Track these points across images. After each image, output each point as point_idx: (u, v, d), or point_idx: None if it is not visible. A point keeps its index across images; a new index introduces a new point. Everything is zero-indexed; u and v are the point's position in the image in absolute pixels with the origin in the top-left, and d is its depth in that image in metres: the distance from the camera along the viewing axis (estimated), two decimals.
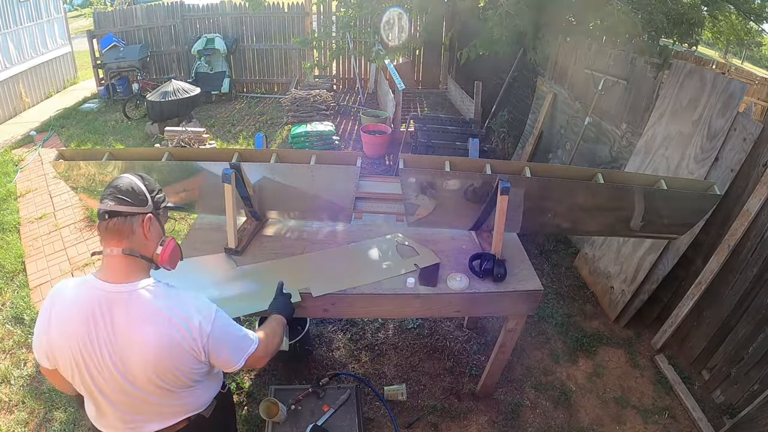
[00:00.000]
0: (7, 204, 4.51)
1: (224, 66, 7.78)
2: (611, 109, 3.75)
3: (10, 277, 3.51)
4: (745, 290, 2.52)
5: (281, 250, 2.24)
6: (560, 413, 2.57)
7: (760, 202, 2.43)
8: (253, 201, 2.21)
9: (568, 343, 3.00)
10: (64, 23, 8.70)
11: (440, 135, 4.76)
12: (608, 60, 3.79)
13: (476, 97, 5.79)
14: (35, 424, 2.43)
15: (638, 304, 3.07)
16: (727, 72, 7.34)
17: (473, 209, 2.16)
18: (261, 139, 2.77)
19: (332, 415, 2.10)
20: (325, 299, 2.00)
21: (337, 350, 2.89)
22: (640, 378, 2.79)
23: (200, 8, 8.07)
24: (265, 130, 6.56)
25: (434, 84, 8.47)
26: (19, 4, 7.31)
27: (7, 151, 5.76)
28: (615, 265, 3.25)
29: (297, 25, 8.00)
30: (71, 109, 7.37)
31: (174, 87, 6.08)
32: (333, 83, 8.05)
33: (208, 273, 2.10)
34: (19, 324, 3.06)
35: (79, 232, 4.06)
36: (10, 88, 7.09)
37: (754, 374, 2.44)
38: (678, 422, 2.53)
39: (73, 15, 13.80)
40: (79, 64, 9.49)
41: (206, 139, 5.55)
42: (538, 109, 4.86)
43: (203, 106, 7.35)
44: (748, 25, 5.08)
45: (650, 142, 3.17)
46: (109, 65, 7.49)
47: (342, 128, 6.67)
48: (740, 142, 2.58)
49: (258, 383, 2.64)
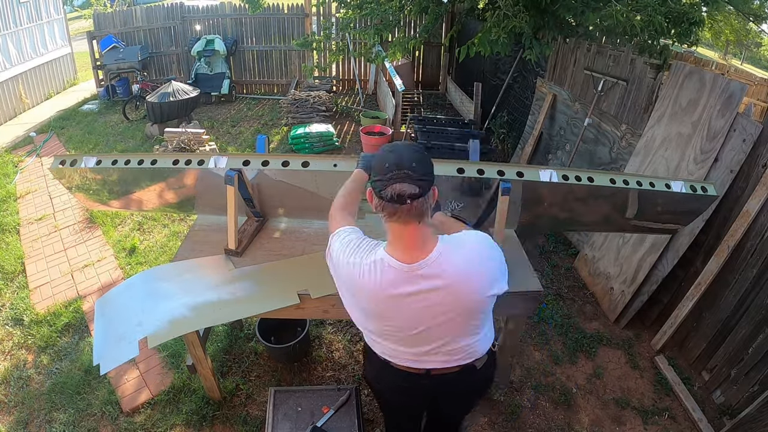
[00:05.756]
0: (6, 205, 4.51)
1: (224, 67, 7.79)
2: (611, 110, 3.76)
3: (9, 278, 3.51)
4: (745, 291, 2.52)
5: (281, 251, 2.24)
6: (560, 414, 2.56)
7: (759, 202, 2.43)
8: (255, 201, 2.22)
9: (567, 344, 3.00)
10: (64, 24, 8.71)
11: (440, 136, 4.77)
12: (608, 61, 3.79)
13: (476, 98, 5.81)
14: (35, 424, 2.43)
15: (638, 305, 3.07)
16: (726, 73, 7.33)
17: (472, 203, 2.15)
18: (263, 140, 2.76)
19: (332, 417, 2.10)
20: (325, 300, 1.99)
21: (336, 351, 2.89)
22: (640, 379, 2.79)
23: (200, 9, 8.08)
24: (265, 131, 6.57)
25: (434, 85, 8.48)
26: (19, 5, 7.32)
27: (7, 152, 5.77)
28: (615, 266, 3.25)
29: (297, 26, 8.01)
30: (71, 111, 7.38)
31: (174, 88, 6.08)
32: (333, 84, 8.06)
33: (207, 274, 2.10)
34: (18, 325, 3.06)
35: (78, 234, 4.06)
36: (9, 89, 7.10)
37: (754, 375, 2.44)
38: (678, 423, 2.53)
39: (73, 16, 13.80)
40: (79, 65, 9.50)
41: (206, 141, 5.55)
42: (538, 110, 4.86)
43: (203, 107, 7.36)
44: (747, 25, 5.08)
45: (650, 143, 3.17)
46: (109, 66, 7.50)
47: (342, 129, 6.67)
48: (740, 142, 2.59)
49: (257, 384, 2.64)
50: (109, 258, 3.71)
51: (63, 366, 2.75)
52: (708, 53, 14.47)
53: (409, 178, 1.17)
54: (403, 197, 1.17)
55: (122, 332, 1.94)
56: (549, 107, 4.61)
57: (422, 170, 1.19)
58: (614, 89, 3.69)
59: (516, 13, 3.49)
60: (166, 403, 2.52)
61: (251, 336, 2.92)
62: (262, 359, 2.80)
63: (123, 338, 1.91)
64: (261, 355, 2.83)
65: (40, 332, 2.98)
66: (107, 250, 3.81)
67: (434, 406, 1.73)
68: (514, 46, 4.54)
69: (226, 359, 2.78)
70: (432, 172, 1.22)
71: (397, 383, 1.50)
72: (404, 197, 1.17)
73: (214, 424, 2.42)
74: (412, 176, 1.17)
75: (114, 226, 4.15)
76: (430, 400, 1.62)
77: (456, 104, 7.26)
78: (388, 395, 1.65)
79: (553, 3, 3.65)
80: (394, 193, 1.17)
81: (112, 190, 2.27)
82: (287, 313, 2.00)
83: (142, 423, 2.42)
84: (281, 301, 1.96)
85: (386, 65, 6.14)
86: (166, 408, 2.49)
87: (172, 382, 2.64)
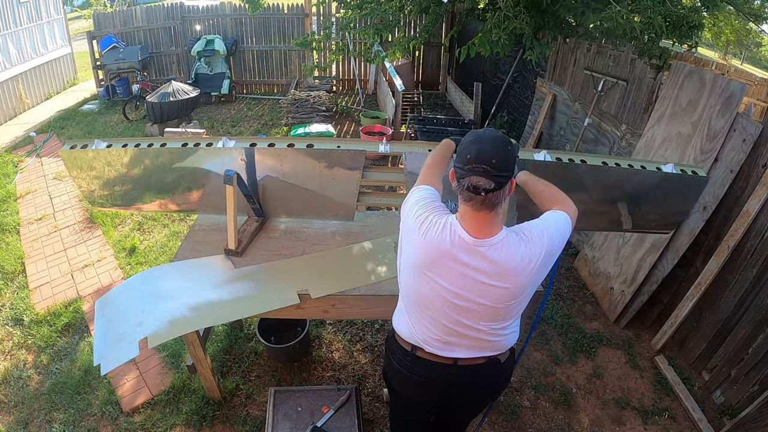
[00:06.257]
0: (6, 205, 4.51)
1: (224, 67, 7.78)
2: (611, 110, 3.76)
3: (9, 278, 3.51)
4: (745, 291, 2.52)
5: (281, 251, 2.24)
6: (560, 414, 2.56)
7: (759, 202, 2.43)
8: (256, 199, 2.22)
9: (568, 344, 3.00)
10: (64, 24, 8.70)
11: (440, 136, 4.77)
12: (608, 61, 3.79)
13: (476, 98, 5.81)
14: (35, 424, 2.43)
15: (638, 305, 3.07)
16: (726, 73, 7.33)
17: None
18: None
19: (332, 417, 2.10)
20: (325, 301, 2.00)
21: (336, 351, 2.89)
22: (640, 379, 2.79)
23: (200, 9, 8.08)
24: (266, 131, 6.56)
25: (434, 85, 8.48)
26: (19, 5, 7.32)
27: (7, 152, 5.76)
28: (615, 266, 3.25)
29: (297, 26, 8.01)
30: (71, 111, 7.37)
31: (174, 88, 6.08)
32: (332, 84, 8.06)
33: (207, 274, 2.10)
34: (18, 325, 3.06)
35: (78, 234, 4.06)
36: (9, 89, 7.10)
37: (754, 375, 2.44)
38: (678, 423, 2.53)
39: (73, 16, 13.80)
40: (79, 65, 9.50)
41: None
42: (538, 110, 4.86)
43: (203, 107, 7.36)
44: (747, 25, 5.08)
45: (650, 143, 3.17)
46: (109, 66, 7.49)
47: (342, 129, 6.67)
48: (740, 142, 2.59)
49: (257, 384, 2.64)
50: (109, 258, 3.71)
51: (63, 366, 2.75)
52: (708, 53, 14.46)
53: (487, 173, 1.20)
54: (478, 189, 1.22)
55: (122, 332, 1.94)
56: (549, 107, 4.61)
57: (502, 167, 1.22)
58: (614, 89, 3.69)
59: (516, 14, 3.49)
60: (166, 403, 2.52)
61: (251, 336, 2.92)
62: (262, 359, 2.80)
63: (123, 338, 1.91)
64: (261, 355, 2.83)
65: (40, 332, 2.98)
66: (107, 250, 3.81)
67: (445, 407, 1.74)
68: (515, 46, 4.54)
69: (226, 359, 2.78)
70: (512, 168, 1.26)
71: (422, 374, 1.53)
72: (479, 190, 1.22)
73: (214, 424, 2.41)
74: (491, 172, 1.20)
75: (114, 226, 4.15)
76: (445, 396, 1.63)
77: (456, 104, 7.26)
78: (407, 389, 1.65)
79: (553, 3, 3.65)
80: (471, 185, 1.23)
81: (123, 190, 2.28)
82: (287, 313, 2.00)
83: (142, 423, 2.41)
84: (281, 301, 1.97)
85: (386, 65, 6.14)
86: (166, 408, 2.49)
87: (172, 382, 2.64)
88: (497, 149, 1.23)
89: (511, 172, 1.25)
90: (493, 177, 1.21)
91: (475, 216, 1.29)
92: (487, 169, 1.20)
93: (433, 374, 1.51)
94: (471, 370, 1.49)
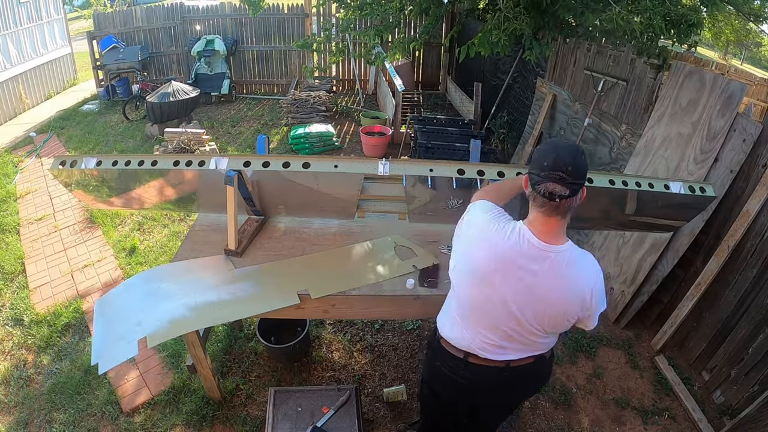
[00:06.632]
0: (6, 205, 4.51)
1: (224, 67, 7.79)
2: (611, 110, 3.76)
3: (9, 278, 3.51)
4: (745, 291, 2.52)
5: (281, 251, 2.24)
6: (560, 414, 2.56)
7: (759, 202, 2.43)
8: (255, 199, 2.22)
9: (567, 344, 3.00)
10: (64, 24, 8.71)
11: (440, 136, 4.77)
12: (608, 61, 3.79)
13: (476, 98, 5.81)
14: (35, 424, 2.43)
15: (638, 305, 3.07)
16: (726, 73, 7.33)
17: None
18: (263, 141, 2.73)
19: (332, 417, 2.10)
20: (325, 301, 2.00)
21: (336, 351, 2.89)
22: (640, 379, 2.79)
23: (200, 9, 8.08)
24: (265, 131, 6.57)
25: (434, 85, 8.48)
26: (19, 5, 7.32)
27: (7, 153, 5.77)
28: (615, 266, 3.25)
29: (297, 26, 8.01)
30: (71, 111, 7.37)
31: (174, 88, 6.08)
32: (332, 84, 8.06)
33: (207, 275, 2.10)
34: (18, 325, 3.06)
35: (78, 234, 4.06)
36: (9, 89, 7.10)
37: (754, 375, 2.44)
38: (678, 423, 2.53)
39: (72, 16, 13.80)
40: (79, 66, 9.50)
41: (206, 141, 5.55)
42: (538, 110, 4.86)
43: (203, 107, 7.36)
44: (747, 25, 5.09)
45: (650, 143, 3.17)
46: (109, 66, 7.49)
47: (342, 129, 6.67)
48: (740, 142, 2.59)
49: (257, 384, 2.64)
50: (109, 258, 3.71)
51: (63, 366, 2.75)
52: (708, 53, 14.46)
53: (562, 180, 1.26)
54: (553, 196, 1.28)
55: (121, 332, 1.94)
56: (549, 107, 4.61)
57: (577, 174, 1.27)
58: (614, 89, 3.69)
59: (516, 15, 3.49)
60: (166, 403, 2.52)
61: (251, 336, 2.92)
62: (262, 359, 2.80)
63: (122, 338, 1.91)
64: (261, 355, 2.83)
65: (40, 332, 2.98)
66: (107, 250, 3.81)
67: (485, 409, 1.77)
68: (514, 46, 4.53)
69: (226, 359, 2.78)
70: (585, 176, 1.31)
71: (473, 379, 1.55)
72: (554, 196, 1.28)
73: (214, 424, 2.42)
74: (566, 179, 1.26)
75: (114, 226, 4.15)
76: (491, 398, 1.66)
77: (456, 104, 7.26)
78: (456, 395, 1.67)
79: (553, 3, 3.65)
80: (546, 191, 1.28)
81: (111, 187, 2.27)
82: (287, 313, 2.00)
83: (142, 423, 2.42)
84: (281, 301, 1.97)
85: (386, 65, 6.14)
86: (166, 408, 2.49)
87: (172, 382, 2.64)
88: (573, 158, 1.28)
89: (584, 179, 1.31)
90: (569, 184, 1.26)
91: (546, 221, 1.34)
92: (563, 177, 1.26)
93: (486, 380, 1.54)
94: (522, 370, 1.54)
